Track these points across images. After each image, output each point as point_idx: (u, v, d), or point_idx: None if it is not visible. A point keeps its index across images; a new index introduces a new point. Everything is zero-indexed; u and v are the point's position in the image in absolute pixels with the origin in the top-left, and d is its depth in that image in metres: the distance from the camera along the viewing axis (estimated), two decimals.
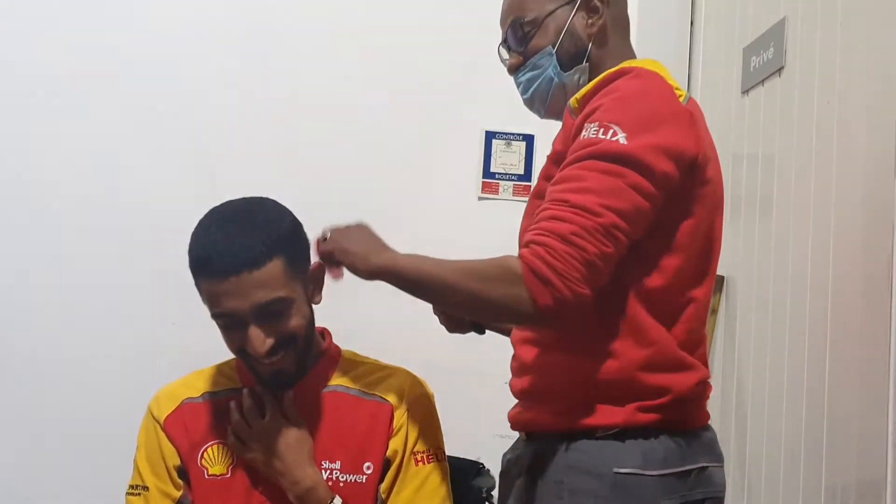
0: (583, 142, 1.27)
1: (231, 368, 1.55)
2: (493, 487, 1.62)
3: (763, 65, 2.12)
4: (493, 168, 2.72)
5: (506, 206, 2.61)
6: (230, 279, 1.34)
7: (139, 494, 1.48)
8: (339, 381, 1.52)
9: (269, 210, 1.45)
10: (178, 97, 2.60)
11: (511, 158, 2.72)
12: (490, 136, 2.73)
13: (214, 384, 1.53)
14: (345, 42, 2.68)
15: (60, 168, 2.55)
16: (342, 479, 1.45)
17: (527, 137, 2.71)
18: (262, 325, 1.38)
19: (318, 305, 1.49)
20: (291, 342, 1.41)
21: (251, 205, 1.45)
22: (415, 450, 1.48)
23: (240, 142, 2.63)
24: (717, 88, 2.44)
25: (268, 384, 1.45)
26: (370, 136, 2.67)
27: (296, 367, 1.45)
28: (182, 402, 1.51)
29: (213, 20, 2.64)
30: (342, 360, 1.55)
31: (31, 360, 2.51)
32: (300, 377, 1.47)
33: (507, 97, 1.54)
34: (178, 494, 1.48)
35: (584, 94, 1.34)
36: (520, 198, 2.65)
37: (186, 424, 1.49)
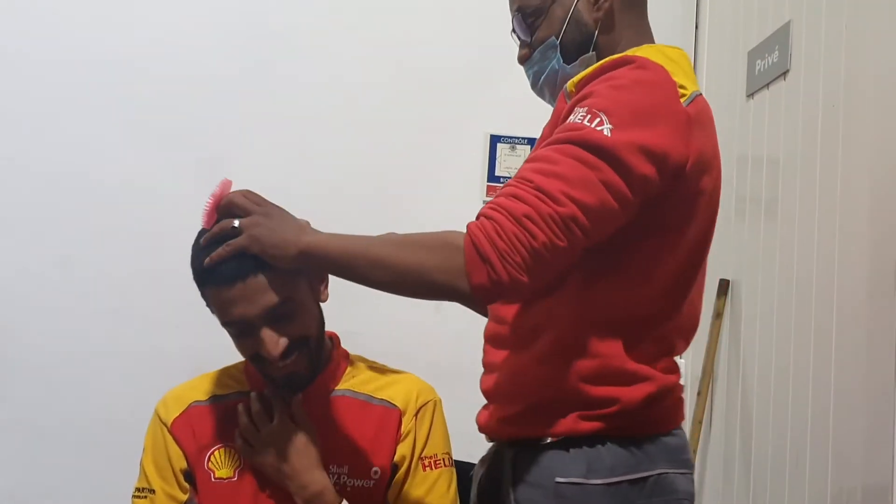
0: (567, 125, 1.18)
1: (239, 371, 1.55)
2: None
3: (768, 68, 2.12)
4: (498, 172, 2.73)
5: None
6: (237, 285, 1.34)
7: (145, 497, 1.48)
8: (348, 386, 1.52)
9: None
10: (183, 100, 2.61)
11: (515, 162, 2.73)
12: (495, 140, 2.73)
13: (222, 387, 1.53)
14: (348, 46, 2.68)
15: (65, 171, 2.56)
16: (350, 484, 1.45)
17: (531, 141, 2.71)
18: (274, 327, 1.37)
19: (323, 308, 1.49)
20: (304, 343, 1.41)
21: None
22: (422, 455, 1.48)
23: (244, 144, 2.64)
24: (722, 92, 2.44)
25: (281, 388, 1.45)
26: (374, 140, 2.68)
27: (309, 370, 1.44)
28: (189, 405, 1.50)
29: (218, 23, 2.65)
30: (351, 365, 1.55)
31: (37, 363, 2.51)
32: (312, 379, 1.47)
33: (512, 101, 1.54)
34: (185, 498, 1.47)
35: (582, 79, 1.26)
36: None
37: (194, 427, 1.48)
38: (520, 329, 1.31)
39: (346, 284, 1.30)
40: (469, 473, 1.50)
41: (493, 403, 1.37)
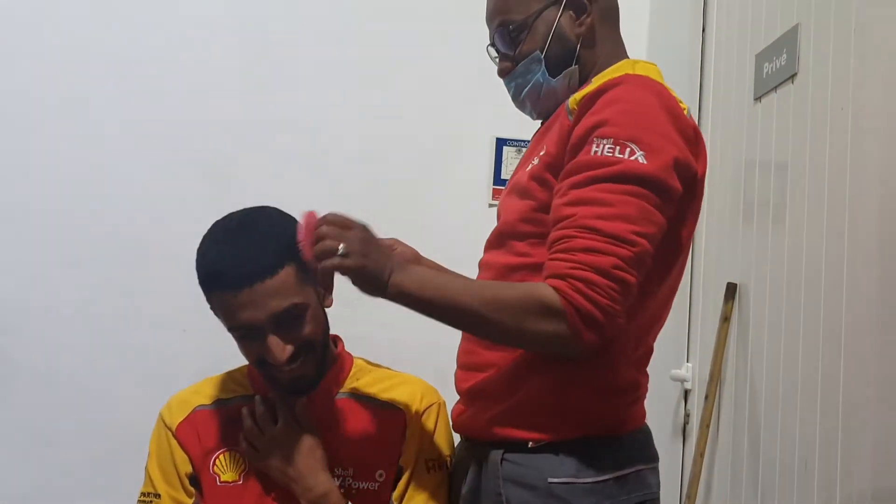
0: (598, 159, 1.22)
1: (243, 375, 1.55)
2: None
3: (776, 71, 2.12)
4: (504, 175, 2.73)
5: None
6: (244, 291, 1.34)
7: (151, 502, 1.48)
8: (352, 389, 1.51)
9: (274, 218, 1.44)
10: (191, 105, 2.62)
11: None
12: (501, 143, 2.73)
13: (226, 391, 1.53)
14: (354, 51, 2.69)
15: (72, 175, 2.57)
16: (354, 486, 1.45)
17: None
18: (280, 334, 1.37)
19: (328, 312, 1.49)
20: (310, 348, 1.41)
21: (255, 214, 1.44)
22: (427, 458, 1.48)
23: (250, 148, 2.64)
24: (730, 95, 2.43)
25: (286, 391, 1.45)
26: (380, 143, 2.68)
27: (314, 373, 1.44)
28: (194, 410, 1.50)
29: (223, 29, 2.66)
30: (354, 368, 1.55)
31: (43, 367, 2.52)
32: (317, 383, 1.47)
33: None
34: (190, 502, 1.47)
35: (584, 97, 1.29)
36: None
37: (198, 432, 1.48)
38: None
39: (351, 287, 1.30)
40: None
41: (479, 403, 1.38)
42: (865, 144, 1.71)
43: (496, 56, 1.46)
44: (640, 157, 1.21)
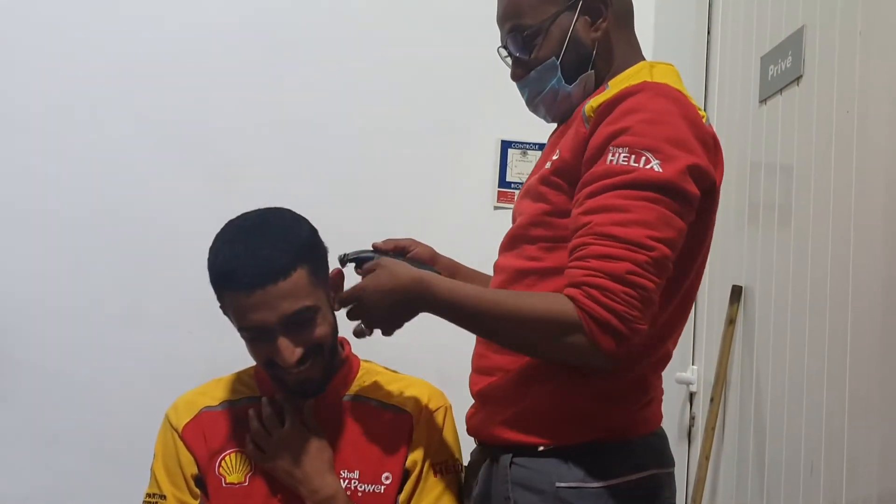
0: (613, 168, 1.22)
1: (250, 377, 1.55)
2: None
3: (781, 74, 2.11)
4: (509, 177, 2.73)
5: None
6: (256, 292, 1.34)
7: (156, 503, 1.48)
8: (359, 391, 1.51)
9: (287, 219, 1.44)
10: (195, 107, 2.62)
11: (527, 168, 2.72)
12: (506, 146, 2.73)
13: (233, 392, 1.53)
14: (360, 53, 2.69)
15: (78, 176, 2.57)
16: (361, 489, 1.45)
17: (542, 147, 2.70)
18: (290, 336, 1.37)
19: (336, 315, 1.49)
20: (318, 350, 1.41)
21: (268, 215, 1.44)
22: (434, 461, 1.48)
23: (256, 150, 2.65)
24: (735, 97, 2.43)
25: (294, 393, 1.45)
26: (385, 146, 2.68)
27: (322, 375, 1.44)
28: (200, 411, 1.50)
29: (229, 31, 2.66)
30: (362, 371, 1.55)
31: (49, 369, 2.52)
32: (325, 386, 1.47)
33: (523, 107, 1.53)
34: (196, 503, 1.48)
35: (601, 105, 1.28)
36: None
37: (205, 433, 1.48)
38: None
39: None
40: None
41: (490, 406, 1.38)
42: (871, 147, 1.70)
43: (507, 56, 1.44)
44: (656, 166, 1.21)
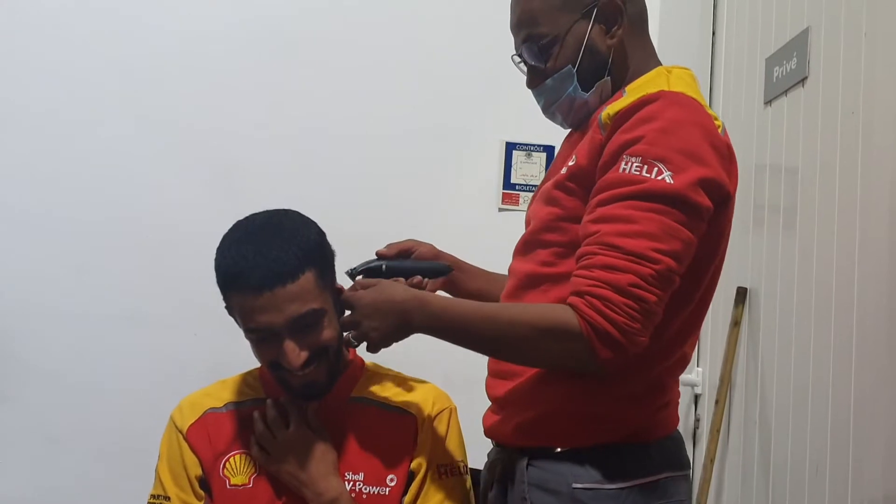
0: (625, 177, 1.22)
1: (255, 378, 1.55)
2: None
3: (786, 75, 2.11)
4: (514, 179, 2.73)
5: None
6: (265, 294, 1.33)
7: None
8: (364, 393, 1.51)
9: (296, 221, 1.43)
10: (198, 109, 2.62)
11: (531, 169, 2.72)
12: (510, 148, 2.73)
13: (238, 394, 1.53)
14: (363, 55, 2.69)
15: (81, 178, 2.57)
16: (365, 491, 1.44)
17: (547, 148, 2.71)
18: (296, 338, 1.37)
19: None
20: (324, 353, 1.41)
21: (277, 217, 1.44)
22: (439, 463, 1.48)
23: (259, 153, 2.65)
24: (740, 99, 2.43)
25: (298, 396, 1.45)
26: (389, 148, 2.68)
27: (327, 378, 1.44)
28: (205, 412, 1.50)
29: (231, 34, 2.66)
30: (366, 373, 1.55)
31: (52, 370, 2.53)
32: (330, 388, 1.47)
33: (527, 109, 1.53)
34: None
35: (618, 113, 1.27)
36: None
37: (209, 434, 1.48)
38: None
39: None
40: (479, 478, 1.50)
41: (507, 409, 1.39)
42: (876, 148, 1.70)
43: (520, 62, 1.44)
44: (668, 177, 1.21)
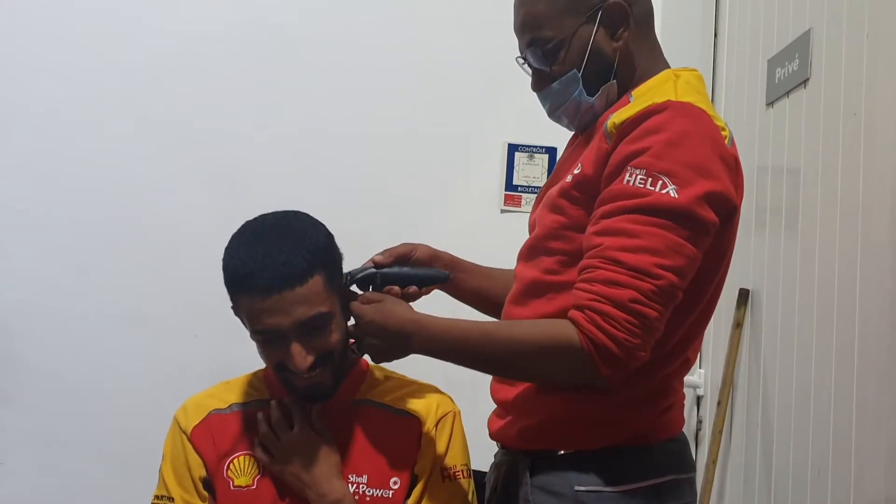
0: (629, 190, 1.21)
1: (259, 380, 1.55)
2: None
3: (788, 76, 2.11)
4: (516, 181, 2.73)
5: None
6: (273, 296, 1.33)
7: None
8: (367, 396, 1.51)
9: (305, 224, 1.43)
10: (199, 111, 2.63)
11: (533, 171, 2.72)
12: (512, 149, 2.73)
13: (242, 395, 1.53)
14: (366, 56, 2.69)
15: (82, 179, 2.58)
16: (369, 494, 1.44)
17: (549, 150, 2.71)
18: (303, 341, 1.37)
19: None
20: (329, 356, 1.41)
21: (286, 219, 1.43)
22: (442, 466, 1.48)
23: (261, 154, 2.65)
24: (742, 100, 2.43)
25: (303, 397, 1.45)
26: (392, 150, 2.68)
27: (331, 381, 1.44)
28: (209, 414, 1.50)
29: (234, 35, 2.67)
30: (370, 375, 1.55)
31: (55, 371, 2.53)
32: (335, 391, 1.47)
33: (530, 110, 1.52)
34: None
35: (623, 123, 1.26)
36: None
37: (213, 436, 1.48)
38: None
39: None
40: (483, 481, 1.50)
41: (512, 414, 1.39)
42: (878, 149, 1.70)
43: (524, 64, 1.42)
44: (672, 191, 1.19)
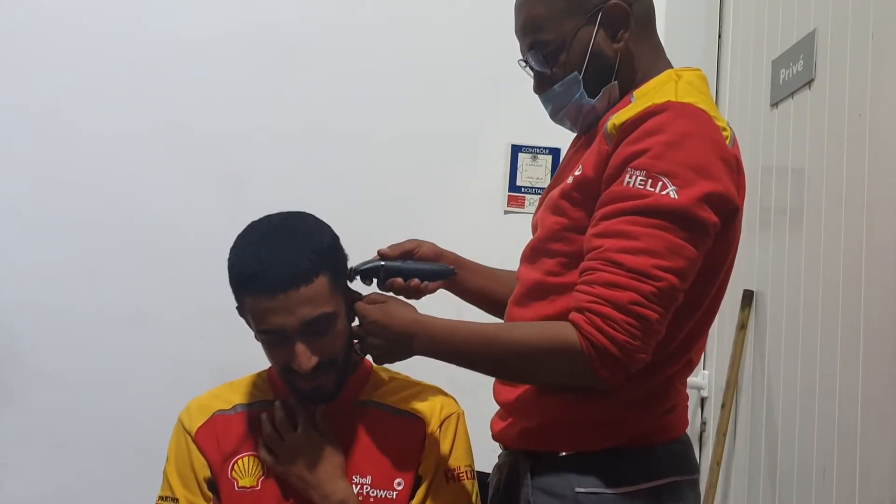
0: (629, 191, 1.21)
1: (263, 381, 1.55)
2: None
3: (792, 77, 2.11)
4: (520, 182, 2.73)
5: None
6: (278, 297, 1.33)
7: None
8: (371, 397, 1.51)
9: (311, 225, 1.43)
10: (203, 113, 2.64)
11: (537, 172, 2.72)
12: (516, 150, 2.73)
13: (246, 396, 1.53)
14: (369, 58, 2.70)
15: (87, 181, 2.59)
16: (372, 495, 1.44)
17: (553, 151, 2.71)
18: (308, 341, 1.37)
19: None
20: (334, 357, 1.41)
21: (292, 220, 1.43)
22: (446, 468, 1.48)
23: (264, 157, 2.66)
24: (746, 101, 2.43)
25: (307, 398, 1.45)
26: (396, 151, 2.69)
27: (335, 383, 1.44)
28: (214, 414, 1.50)
29: (239, 38, 2.67)
30: (373, 376, 1.55)
31: (59, 372, 2.54)
32: (339, 392, 1.47)
33: (533, 111, 1.52)
34: None
35: (624, 124, 1.25)
36: None
37: (218, 436, 1.49)
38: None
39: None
40: (486, 482, 1.50)
41: (513, 415, 1.39)
42: (882, 150, 1.70)
43: (526, 66, 1.42)
44: (672, 192, 1.19)
